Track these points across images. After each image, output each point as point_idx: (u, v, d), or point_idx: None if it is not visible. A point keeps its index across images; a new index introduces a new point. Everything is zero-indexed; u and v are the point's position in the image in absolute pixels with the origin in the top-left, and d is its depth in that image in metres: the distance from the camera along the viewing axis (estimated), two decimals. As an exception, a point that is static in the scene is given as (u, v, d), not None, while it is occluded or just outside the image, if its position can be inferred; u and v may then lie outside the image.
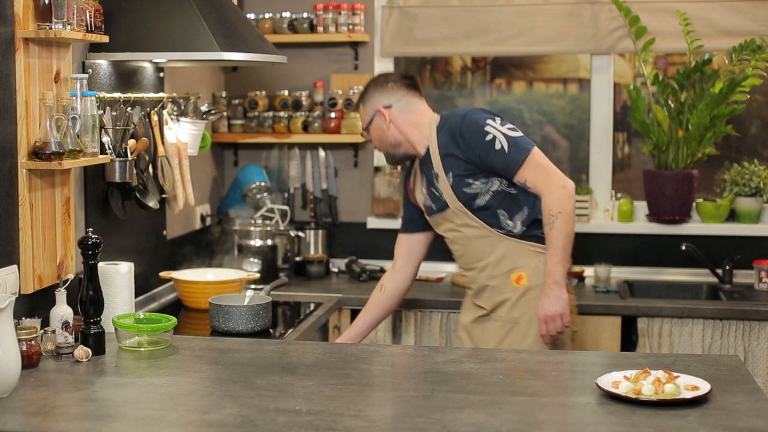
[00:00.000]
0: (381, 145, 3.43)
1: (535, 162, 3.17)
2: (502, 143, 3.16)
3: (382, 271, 4.32)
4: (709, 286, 4.25)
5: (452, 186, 3.24)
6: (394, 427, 2.17)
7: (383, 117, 3.36)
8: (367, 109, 3.41)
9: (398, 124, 3.35)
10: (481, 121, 3.21)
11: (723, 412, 2.24)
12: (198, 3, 3.27)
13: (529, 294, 3.24)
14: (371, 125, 3.40)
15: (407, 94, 3.38)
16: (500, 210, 3.25)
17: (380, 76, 3.44)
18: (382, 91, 3.38)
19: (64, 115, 2.85)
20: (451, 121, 3.27)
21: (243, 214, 4.44)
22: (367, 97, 3.41)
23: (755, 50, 4.13)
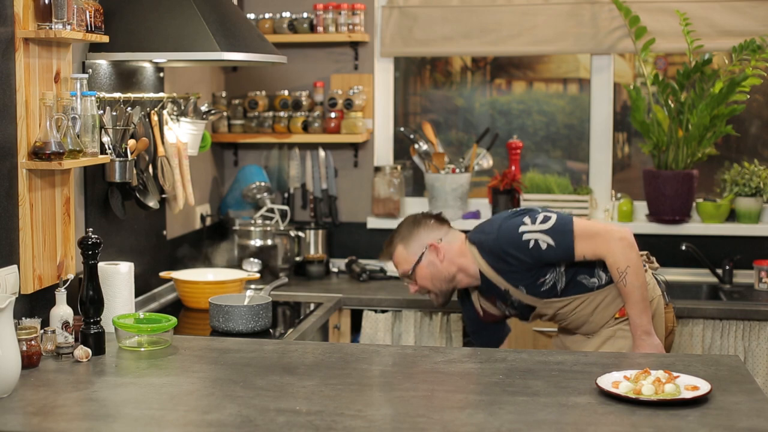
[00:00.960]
0: (434, 283, 3.29)
1: (583, 233, 3.09)
2: (547, 241, 3.08)
3: (381, 271, 4.32)
4: (709, 286, 4.25)
5: (528, 294, 3.17)
6: (394, 427, 2.17)
7: (435, 252, 3.25)
8: (413, 249, 3.29)
9: (450, 257, 3.25)
10: (515, 234, 3.11)
11: (723, 412, 2.24)
12: (198, 3, 3.27)
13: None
14: (419, 265, 3.28)
15: (445, 227, 3.31)
16: (579, 277, 3.17)
17: (414, 217, 3.33)
18: (427, 227, 3.29)
19: (64, 115, 2.85)
20: (488, 245, 3.17)
21: (243, 214, 4.44)
22: (410, 237, 3.30)
23: (755, 50, 4.13)
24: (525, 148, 4.62)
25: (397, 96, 4.74)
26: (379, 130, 4.65)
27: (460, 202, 4.47)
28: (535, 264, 3.12)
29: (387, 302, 3.98)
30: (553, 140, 4.70)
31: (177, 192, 3.66)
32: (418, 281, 3.31)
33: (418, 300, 3.95)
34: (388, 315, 3.98)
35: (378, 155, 4.64)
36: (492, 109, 4.77)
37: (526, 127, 4.72)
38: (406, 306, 3.96)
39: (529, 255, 3.10)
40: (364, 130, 4.48)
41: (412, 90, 4.87)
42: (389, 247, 3.36)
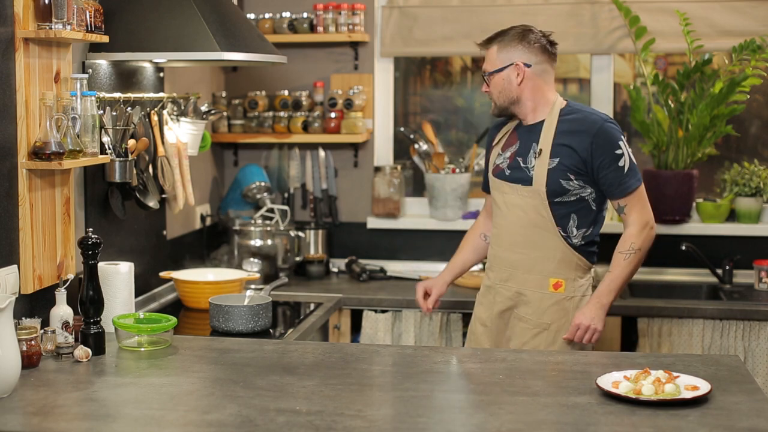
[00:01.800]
0: (499, 96, 3.28)
1: (641, 195, 3.19)
2: (626, 164, 3.14)
3: (381, 270, 4.32)
4: (709, 286, 4.25)
5: (550, 170, 3.17)
6: (394, 427, 2.17)
7: (518, 72, 3.23)
8: (502, 57, 3.24)
9: (529, 85, 3.24)
10: (617, 134, 3.16)
11: (723, 412, 2.24)
12: (198, 3, 3.27)
13: (564, 303, 3.21)
14: (499, 73, 3.25)
15: (547, 61, 3.28)
16: (574, 215, 3.20)
17: (525, 29, 3.29)
18: (527, 47, 3.24)
19: (64, 115, 2.85)
20: (590, 119, 3.18)
21: (243, 214, 4.44)
22: (507, 45, 3.24)
23: (755, 50, 4.13)
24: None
25: (397, 96, 4.74)
26: (379, 130, 4.65)
27: (460, 202, 4.47)
28: (598, 165, 3.14)
29: (387, 302, 3.98)
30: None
31: (177, 192, 3.66)
32: (490, 85, 3.30)
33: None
34: (388, 315, 3.98)
35: (378, 155, 4.64)
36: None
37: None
38: (406, 306, 3.96)
39: (607, 156, 3.13)
40: (364, 130, 4.48)
41: (412, 90, 4.87)
42: (489, 41, 3.32)
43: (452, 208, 4.47)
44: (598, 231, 3.28)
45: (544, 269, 3.22)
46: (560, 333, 3.21)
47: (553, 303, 3.21)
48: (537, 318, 3.22)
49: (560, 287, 3.22)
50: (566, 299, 3.22)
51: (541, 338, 3.22)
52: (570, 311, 3.21)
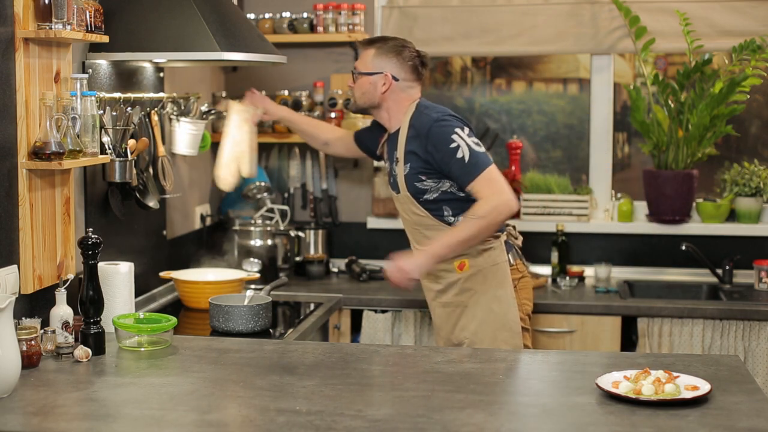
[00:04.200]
0: (360, 97, 3.41)
1: (488, 177, 3.20)
2: (464, 153, 3.20)
3: (381, 270, 4.32)
4: (709, 286, 4.25)
5: (405, 176, 3.31)
6: (394, 427, 2.17)
7: (385, 82, 3.35)
8: (376, 62, 3.36)
9: (392, 97, 3.36)
10: (450, 128, 3.24)
11: (723, 412, 2.24)
12: (198, 3, 3.27)
13: (473, 278, 3.32)
14: (368, 77, 3.37)
15: (415, 80, 3.39)
16: (446, 206, 3.30)
17: (405, 45, 3.39)
18: (401, 62, 3.35)
19: (64, 115, 2.85)
20: (422, 121, 3.29)
21: (243, 214, 4.44)
22: (384, 53, 3.36)
23: (755, 50, 4.13)
24: (525, 148, 4.62)
25: (397, 96, 4.73)
26: (379, 130, 4.64)
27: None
28: (439, 162, 3.23)
29: (387, 302, 3.98)
30: (553, 140, 4.70)
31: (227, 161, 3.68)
32: (355, 84, 3.42)
33: (418, 300, 3.95)
34: (388, 315, 3.98)
35: (378, 155, 4.64)
36: (492, 109, 4.77)
37: (526, 127, 4.72)
38: (406, 306, 3.96)
39: (443, 151, 3.22)
40: (364, 130, 4.48)
41: (412, 90, 4.86)
42: (371, 42, 3.43)
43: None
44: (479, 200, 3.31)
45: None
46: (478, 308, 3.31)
47: (464, 281, 3.33)
48: (455, 299, 3.34)
49: (464, 267, 3.32)
50: (474, 275, 3.32)
51: (465, 317, 3.33)
52: (482, 284, 3.32)
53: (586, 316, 3.84)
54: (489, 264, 3.32)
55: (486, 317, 3.30)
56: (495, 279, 3.32)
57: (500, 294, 3.32)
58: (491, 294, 3.31)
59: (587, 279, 4.30)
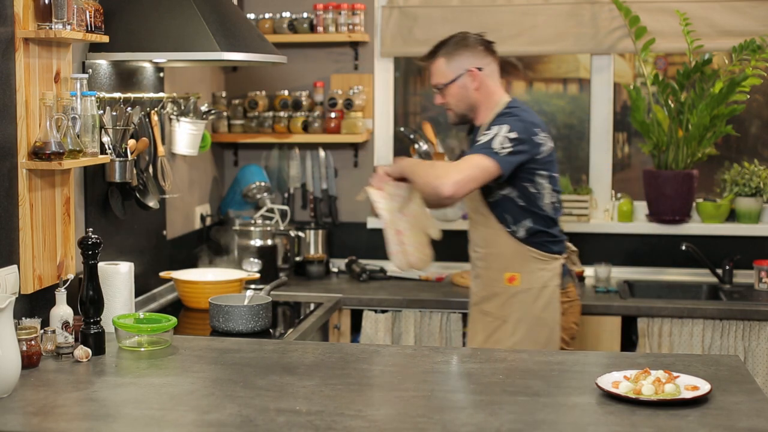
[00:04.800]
0: (457, 105, 3.35)
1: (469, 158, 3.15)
2: (484, 139, 3.18)
3: (381, 271, 4.32)
4: (709, 286, 4.25)
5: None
6: (394, 427, 2.17)
7: (473, 78, 3.30)
8: (453, 67, 3.32)
9: (483, 90, 3.31)
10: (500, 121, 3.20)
11: (723, 412, 2.24)
12: (198, 3, 3.27)
13: (520, 296, 3.28)
14: (453, 84, 3.32)
15: (493, 62, 3.34)
16: (506, 213, 3.28)
17: (464, 35, 3.35)
18: (474, 52, 3.32)
19: (64, 115, 2.85)
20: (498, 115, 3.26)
21: (243, 214, 4.44)
22: (454, 54, 3.32)
23: (755, 50, 4.13)
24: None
25: (397, 96, 4.74)
26: (379, 130, 4.65)
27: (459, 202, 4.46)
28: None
29: (387, 302, 3.98)
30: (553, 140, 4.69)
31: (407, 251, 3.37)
32: (446, 97, 3.37)
33: (418, 300, 3.95)
34: (388, 315, 3.98)
35: (378, 155, 4.64)
36: (492, 109, 4.76)
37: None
38: (406, 306, 3.96)
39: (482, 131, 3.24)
40: (364, 130, 4.48)
41: (412, 90, 4.87)
42: (432, 55, 3.38)
43: (452, 208, 4.47)
44: (545, 223, 3.30)
45: (499, 265, 3.31)
46: (520, 325, 3.27)
47: (510, 296, 3.29)
48: (497, 311, 3.31)
49: (515, 281, 3.29)
50: (523, 292, 3.28)
51: (502, 331, 3.29)
52: (528, 303, 3.27)
53: (585, 316, 3.84)
54: (539, 285, 3.28)
55: (524, 338, 3.26)
56: (542, 300, 3.28)
57: (544, 316, 3.28)
58: (535, 315, 3.27)
59: (587, 279, 4.29)
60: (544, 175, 3.27)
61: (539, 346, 3.25)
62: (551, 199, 3.31)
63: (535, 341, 3.26)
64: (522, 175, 3.23)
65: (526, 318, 3.27)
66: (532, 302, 3.27)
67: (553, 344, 3.30)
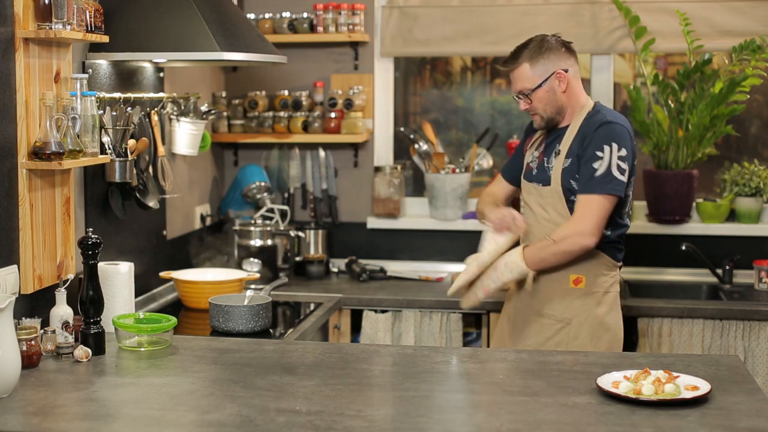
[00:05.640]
0: (545, 109, 3.25)
1: (591, 202, 3.11)
2: (601, 167, 3.11)
3: (382, 271, 4.32)
4: (709, 286, 4.25)
5: (564, 170, 3.19)
6: (394, 427, 2.17)
7: (561, 80, 3.22)
8: (539, 71, 3.21)
9: (571, 90, 3.24)
10: (610, 138, 3.13)
11: (723, 412, 2.24)
12: (198, 3, 3.27)
13: (586, 299, 3.22)
14: (541, 88, 3.22)
15: (576, 62, 3.28)
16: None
17: (543, 38, 3.26)
18: (558, 54, 3.23)
19: (64, 115, 2.85)
20: (594, 120, 3.19)
21: (243, 214, 4.44)
22: (539, 58, 3.21)
23: (755, 50, 4.13)
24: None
25: (397, 96, 4.74)
26: (379, 130, 4.65)
27: (460, 202, 4.47)
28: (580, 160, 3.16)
29: (387, 302, 3.98)
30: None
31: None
32: (534, 102, 3.26)
33: (418, 300, 3.95)
34: (388, 315, 3.98)
35: (378, 155, 4.64)
36: (492, 109, 4.77)
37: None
38: (406, 306, 3.96)
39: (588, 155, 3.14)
40: (364, 130, 4.48)
41: (412, 90, 4.87)
42: (515, 60, 3.27)
43: (452, 208, 4.48)
44: (619, 232, 3.25)
45: (567, 265, 3.22)
46: (582, 328, 3.21)
47: (575, 299, 3.22)
48: (559, 314, 3.23)
49: (580, 283, 3.22)
50: (587, 295, 3.22)
51: (564, 333, 3.23)
52: (591, 307, 3.21)
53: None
54: (603, 289, 3.23)
55: (587, 341, 3.20)
56: (605, 305, 3.23)
57: (608, 321, 3.23)
58: (599, 319, 3.22)
59: (587, 279, 4.29)
60: (631, 181, 3.22)
61: (602, 350, 3.19)
62: (628, 208, 3.26)
63: (598, 344, 3.21)
64: None
65: (589, 321, 3.21)
66: (595, 306, 3.22)
67: (616, 349, 3.24)
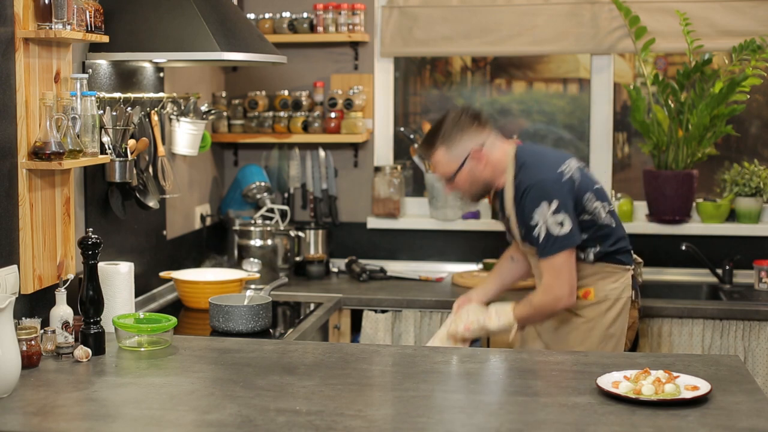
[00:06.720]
0: (471, 188, 3.28)
1: (554, 265, 3.13)
2: (540, 233, 3.11)
3: (382, 271, 4.32)
4: (709, 286, 4.25)
5: (521, 233, 3.22)
6: (394, 427, 2.17)
7: (479, 159, 3.22)
8: (456, 154, 3.21)
9: (491, 163, 3.23)
10: (535, 203, 3.11)
11: (723, 412, 2.24)
12: (198, 3, 3.27)
13: (591, 308, 3.25)
14: (461, 170, 3.22)
15: (490, 132, 3.27)
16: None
17: (458, 118, 3.25)
18: (471, 131, 3.22)
19: (64, 115, 2.85)
20: (521, 181, 3.17)
21: (243, 214, 4.44)
22: (453, 141, 3.20)
23: (755, 50, 4.13)
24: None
25: (397, 96, 4.74)
26: (379, 130, 4.65)
27: (459, 202, 4.47)
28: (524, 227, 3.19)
29: (387, 302, 3.98)
30: (553, 140, 4.70)
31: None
32: (457, 185, 3.28)
33: (418, 300, 3.95)
34: (388, 315, 3.98)
35: (378, 155, 4.64)
36: (492, 109, 4.77)
37: (526, 127, 4.72)
38: (406, 306, 3.96)
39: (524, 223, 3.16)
40: (364, 130, 4.48)
41: (412, 90, 4.87)
42: (429, 147, 3.27)
43: (452, 208, 4.47)
44: (615, 241, 3.26)
45: None
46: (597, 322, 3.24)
47: (586, 305, 3.26)
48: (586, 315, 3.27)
49: (589, 295, 3.25)
50: (600, 302, 3.25)
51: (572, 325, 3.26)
52: (601, 312, 3.24)
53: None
54: (613, 297, 3.25)
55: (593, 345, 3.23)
56: (611, 314, 3.25)
57: (612, 332, 3.25)
58: (604, 330, 3.24)
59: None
60: (589, 197, 3.20)
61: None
62: (606, 210, 3.24)
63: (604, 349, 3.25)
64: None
65: (594, 332, 3.24)
66: (602, 315, 3.24)
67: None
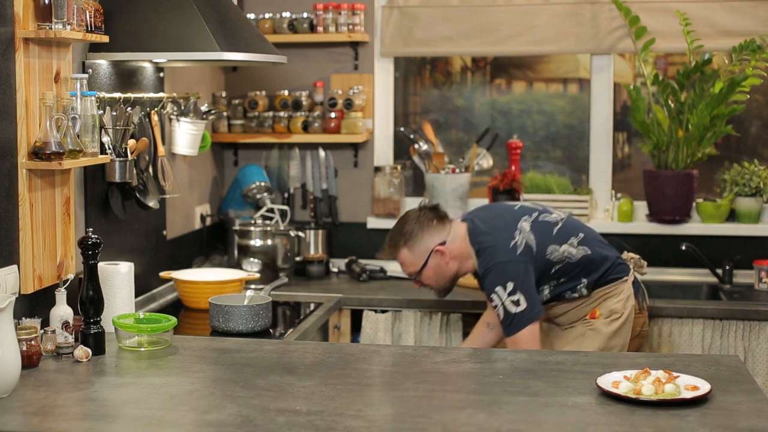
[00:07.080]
0: (438, 282, 3.40)
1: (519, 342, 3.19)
2: (500, 312, 3.21)
3: (381, 271, 4.32)
4: (709, 286, 4.25)
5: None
6: (394, 427, 2.17)
7: (442, 255, 3.33)
8: (419, 252, 3.35)
9: (455, 256, 3.33)
10: (492, 285, 3.21)
11: (723, 412, 2.24)
12: (198, 3, 3.27)
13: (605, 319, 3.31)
14: (426, 267, 3.35)
15: (447, 226, 3.36)
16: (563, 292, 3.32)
17: (417, 218, 3.36)
18: (431, 230, 3.34)
19: (64, 115, 2.85)
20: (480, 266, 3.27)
21: (243, 214, 4.44)
22: (414, 241, 3.35)
23: (755, 50, 4.13)
24: (525, 148, 4.62)
25: (397, 96, 4.74)
26: (379, 130, 4.65)
27: (460, 202, 4.47)
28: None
29: (387, 302, 3.98)
30: (553, 140, 4.70)
31: None
32: (424, 281, 3.41)
33: (418, 300, 3.95)
34: (388, 315, 3.98)
35: (378, 155, 4.64)
36: (492, 109, 4.77)
37: (526, 127, 4.72)
38: (406, 306, 3.96)
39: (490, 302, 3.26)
40: (364, 130, 4.48)
41: (412, 90, 4.87)
42: (393, 248, 3.41)
43: (452, 208, 4.47)
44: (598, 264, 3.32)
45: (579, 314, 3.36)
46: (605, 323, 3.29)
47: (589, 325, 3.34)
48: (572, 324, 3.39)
49: (596, 314, 3.33)
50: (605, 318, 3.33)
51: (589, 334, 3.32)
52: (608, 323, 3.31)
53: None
54: (619, 311, 3.31)
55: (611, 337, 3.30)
56: (613, 326, 3.31)
57: (613, 345, 3.30)
58: (605, 342, 3.29)
59: (587, 279, 4.29)
60: (553, 249, 3.27)
61: None
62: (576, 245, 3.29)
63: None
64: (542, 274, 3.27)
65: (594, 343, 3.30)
66: (604, 327, 3.30)
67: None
